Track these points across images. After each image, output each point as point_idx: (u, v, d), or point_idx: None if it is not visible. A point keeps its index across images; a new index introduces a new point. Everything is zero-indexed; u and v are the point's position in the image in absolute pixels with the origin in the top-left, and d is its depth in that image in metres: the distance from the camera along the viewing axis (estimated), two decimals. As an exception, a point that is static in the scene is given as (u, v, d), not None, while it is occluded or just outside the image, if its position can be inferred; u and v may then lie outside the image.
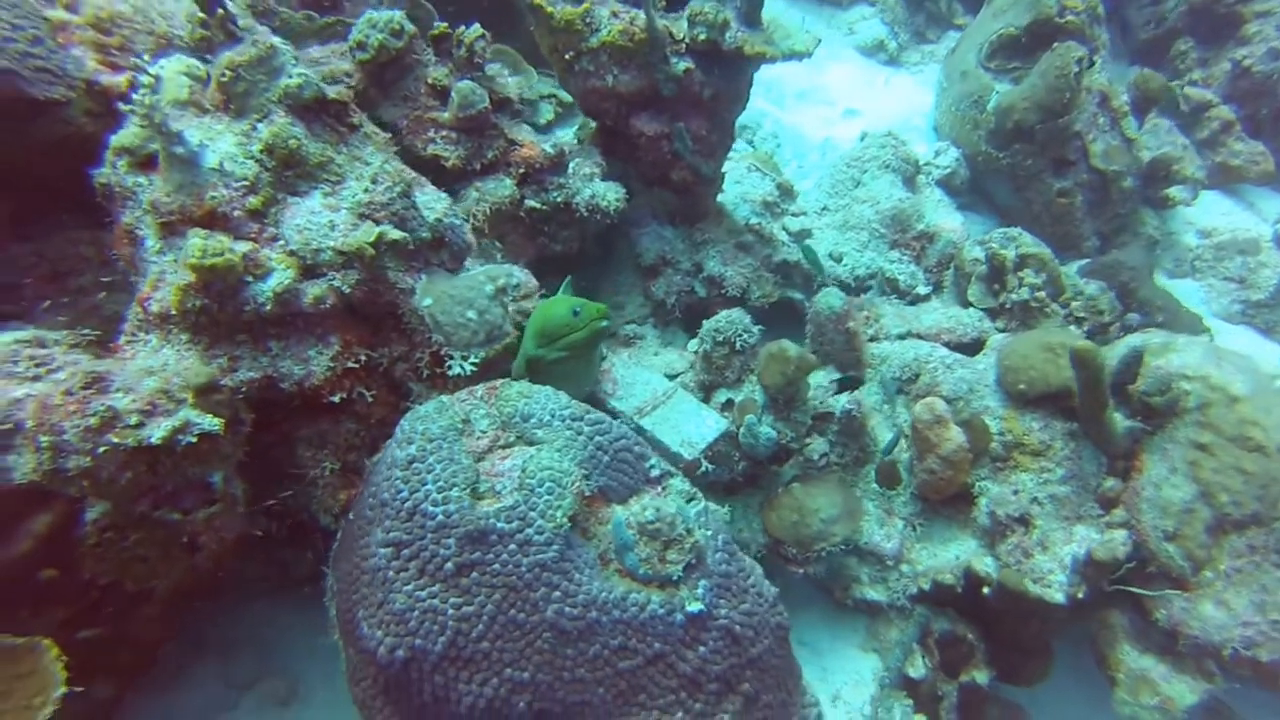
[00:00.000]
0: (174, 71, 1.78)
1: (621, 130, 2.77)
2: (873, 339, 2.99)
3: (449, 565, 1.63)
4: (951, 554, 2.62)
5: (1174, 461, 2.42)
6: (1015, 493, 2.47)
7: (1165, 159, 3.85)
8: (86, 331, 1.76)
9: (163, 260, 1.70)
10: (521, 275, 2.08)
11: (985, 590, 2.44)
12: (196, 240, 1.57)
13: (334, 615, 1.86)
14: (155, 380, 1.57)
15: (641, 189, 3.03)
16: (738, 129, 3.99)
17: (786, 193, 3.50)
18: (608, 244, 3.21)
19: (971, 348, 2.94)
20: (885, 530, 2.66)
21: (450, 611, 1.63)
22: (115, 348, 1.76)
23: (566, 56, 2.63)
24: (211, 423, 1.58)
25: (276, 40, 1.77)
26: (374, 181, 1.83)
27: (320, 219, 1.74)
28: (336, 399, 1.77)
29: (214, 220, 1.67)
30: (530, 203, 2.64)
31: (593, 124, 2.94)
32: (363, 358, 1.80)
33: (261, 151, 1.71)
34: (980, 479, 2.57)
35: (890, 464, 2.68)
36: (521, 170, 2.62)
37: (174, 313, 1.65)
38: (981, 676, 2.54)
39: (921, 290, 3.31)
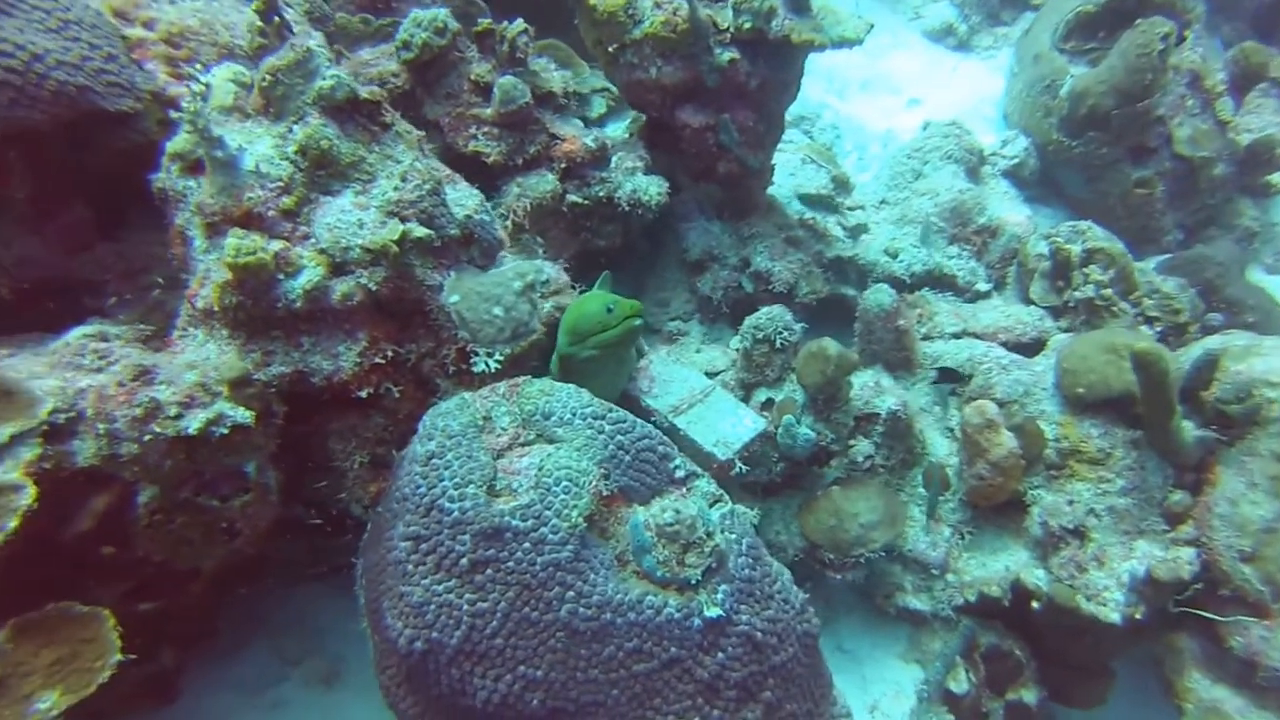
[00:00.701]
0: (222, 79, 1.83)
1: (666, 123, 2.72)
2: (926, 337, 2.86)
3: (464, 561, 1.63)
4: (1001, 565, 2.48)
5: (1253, 476, 2.21)
6: (1070, 503, 2.31)
7: (1268, 142, 3.52)
8: (143, 326, 1.84)
9: (208, 259, 1.76)
10: (551, 271, 2.06)
11: (1034, 605, 2.29)
12: (232, 240, 1.62)
13: (363, 603, 1.90)
14: (195, 374, 1.63)
15: (689, 183, 2.97)
16: (795, 120, 3.89)
17: (842, 185, 3.37)
18: (656, 238, 3.16)
19: (1031, 348, 2.77)
20: (931, 537, 2.54)
21: (465, 607, 1.64)
22: (169, 341, 1.84)
23: (610, 49, 2.59)
24: (244, 415, 1.63)
25: (312, 44, 1.79)
26: (403, 180, 1.84)
27: (349, 217, 1.76)
28: (364, 394, 1.79)
29: (251, 220, 1.71)
30: (572, 197, 2.62)
31: (644, 117, 2.89)
32: (389, 353, 1.82)
33: (296, 153, 1.75)
34: (1033, 487, 2.42)
35: (938, 467, 2.55)
36: (563, 165, 2.60)
37: (216, 309, 1.70)
38: (1030, 695, 2.40)
39: (981, 287, 3.13)
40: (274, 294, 1.69)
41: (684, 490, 1.90)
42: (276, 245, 1.69)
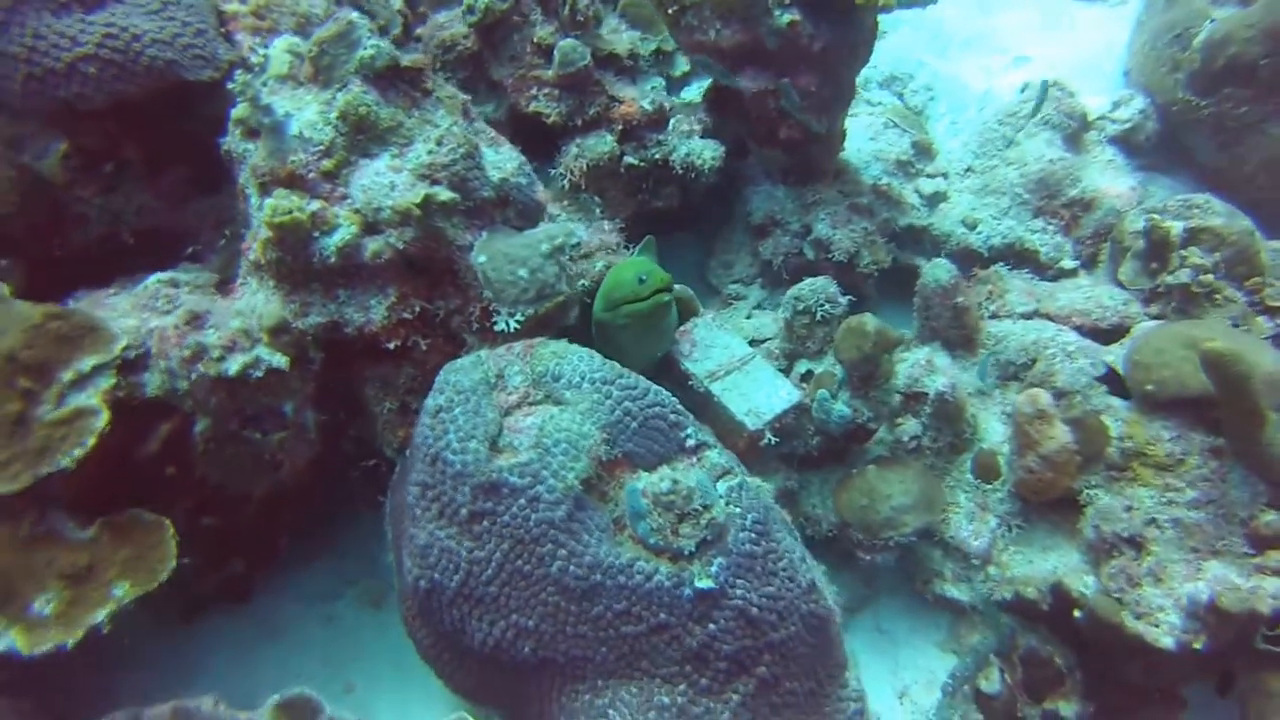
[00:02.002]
0: (280, 50, 1.90)
1: (727, 86, 2.58)
2: (994, 316, 2.62)
3: (464, 511, 1.68)
4: (1050, 564, 2.27)
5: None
6: (1129, 509, 2.07)
7: None
8: (207, 275, 1.98)
9: (259, 216, 1.85)
10: (583, 234, 2.04)
11: (1076, 614, 2.09)
12: (270, 200, 1.70)
13: (390, 539, 2.00)
14: (239, 321, 1.74)
15: (755, 147, 2.83)
16: (886, 80, 3.61)
17: (924, 151, 3.11)
18: (726, 201, 3.05)
19: (1110, 334, 2.48)
20: (975, 526, 2.37)
21: (464, 554, 1.69)
22: (232, 289, 1.97)
23: (670, 11, 2.48)
24: (279, 360, 1.73)
25: (354, 15, 1.83)
26: (438, 144, 1.86)
27: (383, 180, 1.80)
28: (392, 345, 1.85)
29: (295, 181, 1.79)
30: (629, 159, 2.57)
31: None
32: (418, 308, 1.87)
33: (337, 118, 1.80)
34: (1090, 486, 2.19)
35: (989, 454, 2.36)
36: (620, 127, 2.54)
37: (262, 262, 1.80)
38: (1068, 709, 2.19)
39: (1067, 264, 2.82)
40: (310, 250, 1.76)
41: (694, 459, 1.85)
42: (315, 205, 1.75)
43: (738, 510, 1.79)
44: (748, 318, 2.63)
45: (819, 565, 2.26)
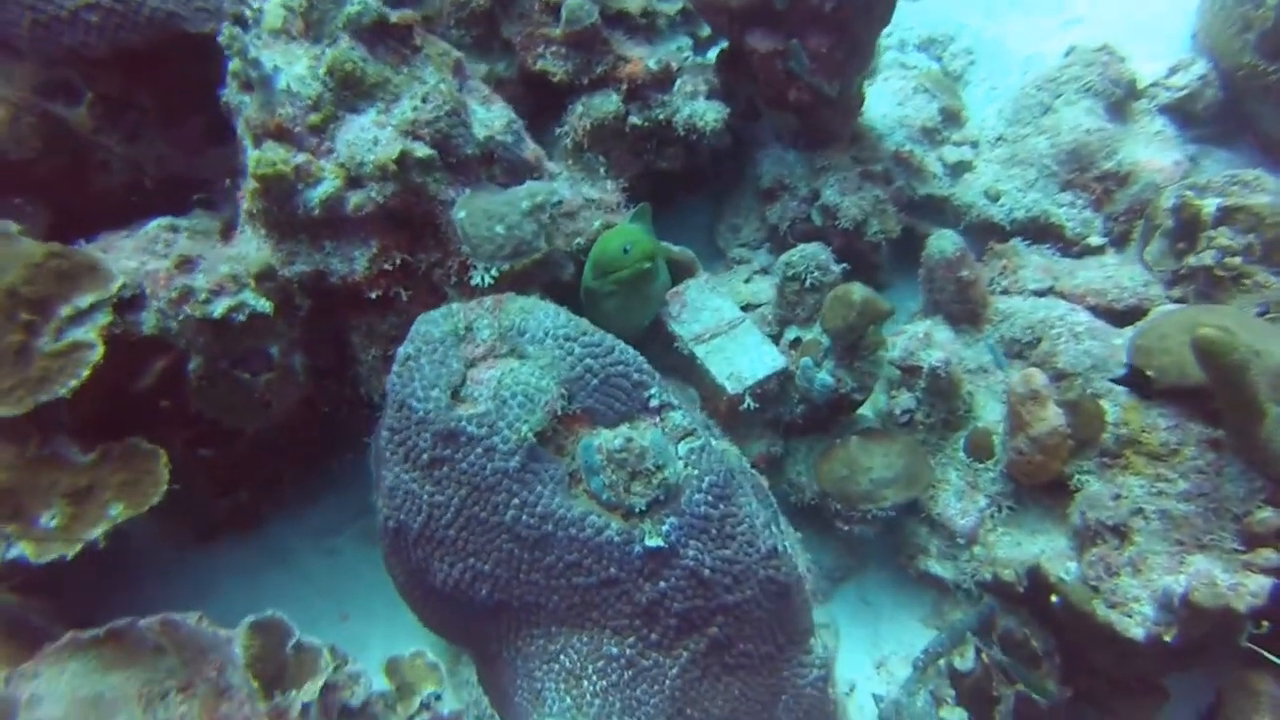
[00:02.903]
0: (274, 3, 1.94)
1: (737, 47, 2.51)
2: (1005, 291, 2.50)
3: (425, 457, 1.73)
4: (1037, 548, 2.20)
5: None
6: (1116, 497, 1.98)
7: None
8: (209, 222, 2.07)
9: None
10: (566, 192, 2.04)
11: (1053, 599, 2.03)
12: (254, 152, 1.75)
13: (373, 480, 2.08)
14: (228, 266, 1.82)
15: (767, 109, 2.75)
16: (924, 43, 3.45)
17: (952, 118, 2.96)
18: (740, 163, 2.99)
19: (1127, 317, 2.34)
20: (963, 504, 2.31)
21: (425, 497, 1.75)
22: (233, 235, 2.05)
23: (679, -33, 2.42)
24: (264, 305, 1.81)
25: (342, -32, 1.84)
26: (424, 100, 1.88)
27: (367, 135, 1.84)
28: (374, 295, 1.91)
29: (283, 134, 1.84)
30: (633, 119, 2.53)
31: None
32: (399, 260, 1.91)
33: (325, 73, 1.83)
34: (1082, 471, 2.10)
35: (983, 433, 2.29)
36: (625, 87, 2.51)
37: (253, 211, 1.86)
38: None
39: (1094, 241, 2.66)
40: (295, 202, 1.81)
41: (657, 419, 1.86)
42: (301, 158, 1.80)
43: (695, 473, 1.79)
44: (746, 281, 2.59)
45: (794, 533, 2.25)
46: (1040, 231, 2.73)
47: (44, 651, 1.92)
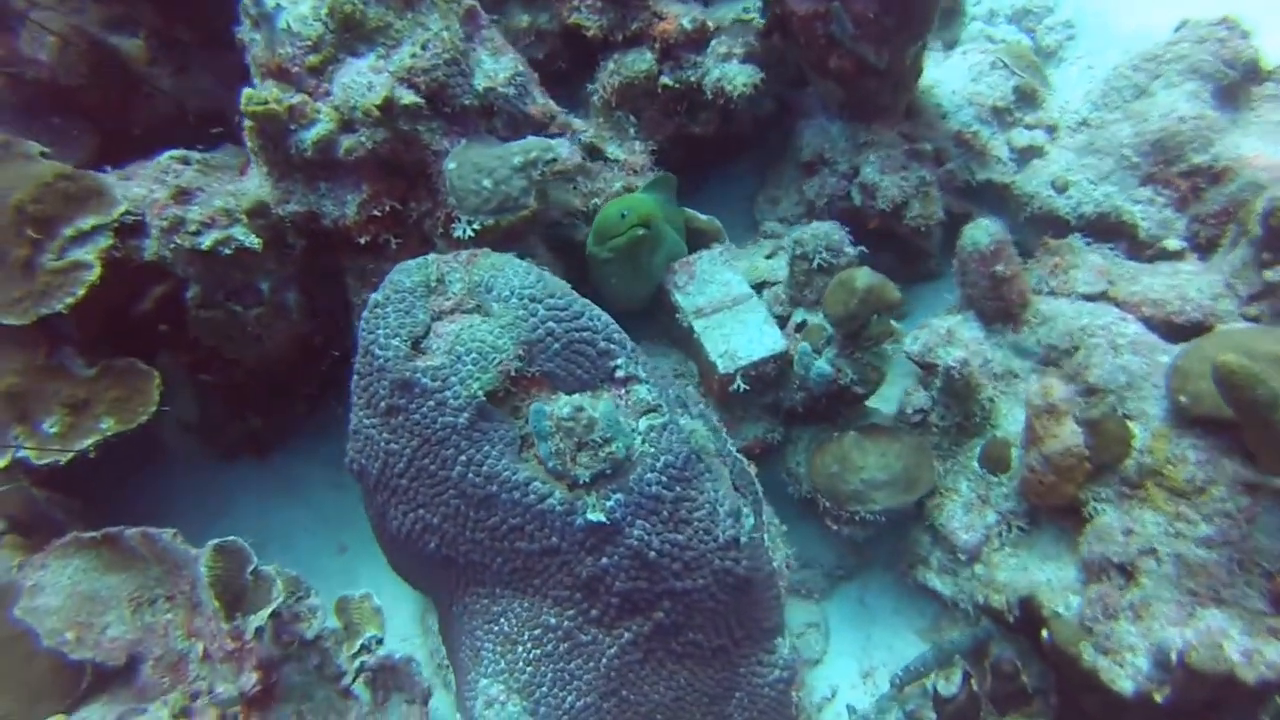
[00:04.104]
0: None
1: (778, 8, 2.34)
2: (1051, 292, 2.25)
3: (382, 404, 1.73)
4: (1045, 575, 1.99)
5: None
6: (1128, 532, 1.75)
7: None
8: (226, 157, 2.13)
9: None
10: (564, 151, 1.96)
11: (1044, 634, 1.83)
12: (247, 90, 1.77)
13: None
14: (223, 200, 1.87)
15: (815, 77, 2.56)
16: (1018, 14, 3.12)
17: (1027, 98, 2.67)
18: (788, 132, 2.81)
19: (1187, 332, 2.04)
20: (969, 518, 2.12)
21: (382, 444, 1.75)
22: (247, 171, 2.11)
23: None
24: (252, 241, 1.85)
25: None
26: (423, 47, 1.84)
27: (362, 79, 1.82)
28: (363, 240, 1.91)
29: (282, 74, 1.85)
30: (664, 79, 2.41)
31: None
32: (389, 207, 1.90)
33: (326, 14, 1.82)
34: (1099, 498, 1.87)
35: (1001, 444, 2.08)
36: (658, 45, 2.39)
37: (254, 149, 1.90)
38: (1029, 727, 1.96)
39: (1171, 245, 2.34)
40: (288, 142, 1.83)
41: (623, 391, 1.78)
42: (295, 98, 1.81)
43: (651, 450, 1.71)
44: (768, 257, 2.44)
45: (780, 525, 2.13)
46: (1110, 230, 2.42)
47: (53, 545, 2.08)
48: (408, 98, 1.78)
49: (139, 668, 2.03)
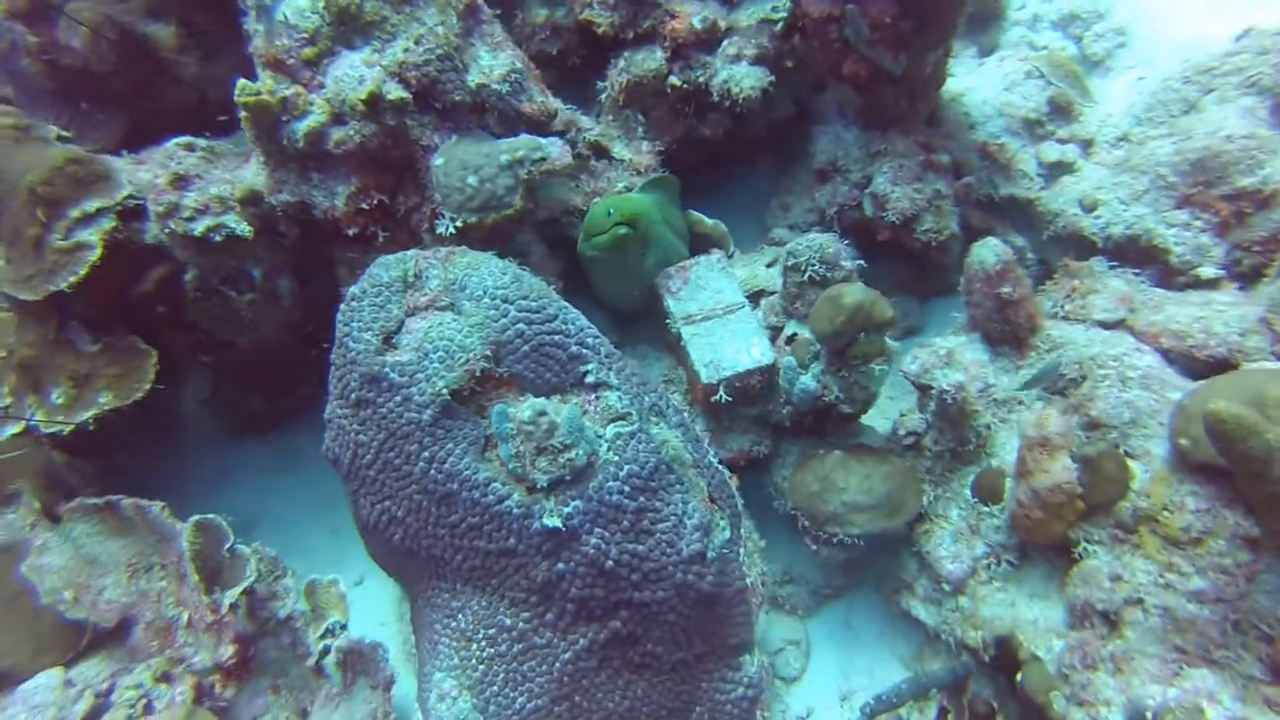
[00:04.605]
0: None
1: (796, 9, 2.26)
2: (1065, 317, 2.12)
3: (354, 396, 1.75)
4: (1032, 614, 1.89)
5: None
6: (1115, 578, 1.64)
7: None
8: (218, 144, 2.17)
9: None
10: (555, 151, 1.94)
11: (1019, 678, 1.73)
12: (241, 81, 1.81)
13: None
14: (218, 188, 1.92)
15: (832, 81, 2.47)
16: (1064, 19, 2.95)
17: (1061, 110, 2.51)
18: (805, 136, 2.73)
19: (1209, 369, 1.89)
20: (957, 548, 2.03)
21: (352, 434, 1.77)
22: (249, 158, 2.16)
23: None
24: (244, 228, 1.89)
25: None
26: (416, 42, 1.85)
27: (354, 73, 1.84)
28: (351, 232, 1.94)
29: (278, 65, 1.88)
30: (672, 79, 2.37)
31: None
32: (377, 200, 1.92)
33: (323, 7, 1.84)
34: (1091, 539, 1.75)
35: (995, 474, 1.98)
36: (669, 44, 2.34)
37: (251, 138, 1.94)
38: (1004, 769, 1.87)
39: (1206, 273, 2.17)
40: (280, 132, 1.86)
41: (591, 397, 1.76)
42: (288, 90, 1.84)
43: (615, 459, 1.69)
44: (769, 265, 2.37)
45: (759, 540, 2.08)
46: (1140, 254, 2.27)
47: (62, 508, 2.19)
48: (395, 93, 1.79)
49: (132, 630, 2.12)
